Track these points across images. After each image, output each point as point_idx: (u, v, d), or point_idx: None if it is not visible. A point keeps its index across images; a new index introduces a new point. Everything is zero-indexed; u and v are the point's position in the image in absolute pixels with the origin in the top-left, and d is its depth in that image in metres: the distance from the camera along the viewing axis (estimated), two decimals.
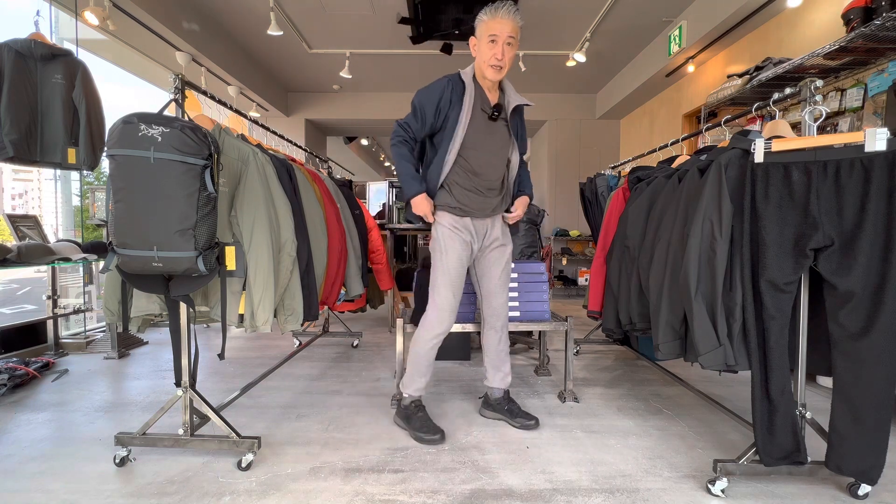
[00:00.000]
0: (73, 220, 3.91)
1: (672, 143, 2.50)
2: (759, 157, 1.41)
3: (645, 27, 4.42)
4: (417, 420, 1.88)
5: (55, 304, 3.09)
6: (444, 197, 1.87)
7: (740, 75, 2.97)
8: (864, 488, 1.44)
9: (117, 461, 1.62)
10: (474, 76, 1.86)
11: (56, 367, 2.80)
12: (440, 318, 1.87)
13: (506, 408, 2.01)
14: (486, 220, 1.93)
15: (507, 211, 2.00)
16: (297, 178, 2.12)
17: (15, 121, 2.27)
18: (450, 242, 1.86)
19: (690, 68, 4.40)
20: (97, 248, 2.72)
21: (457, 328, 2.19)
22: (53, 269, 3.05)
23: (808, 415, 1.52)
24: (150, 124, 1.31)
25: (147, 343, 3.49)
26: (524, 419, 1.96)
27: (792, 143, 1.39)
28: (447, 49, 4.49)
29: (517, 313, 2.34)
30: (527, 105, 1.92)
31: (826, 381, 2.47)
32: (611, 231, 2.44)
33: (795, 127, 2.87)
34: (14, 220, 2.75)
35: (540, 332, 2.86)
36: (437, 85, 1.82)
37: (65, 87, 2.41)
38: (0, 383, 2.34)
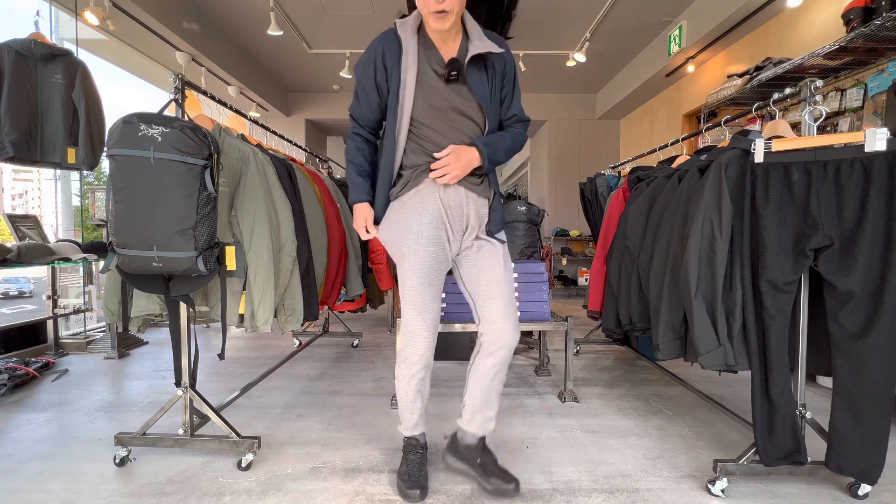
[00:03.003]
0: (73, 220, 3.91)
1: (672, 143, 2.50)
2: (759, 157, 1.41)
3: (645, 27, 4.42)
4: (405, 464, 1.51)
5: (55, 304, 3.09)
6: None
7: (740, 75, 2.97)
8: (864, 488, 1.44)
9: (117, 461, 1.62)
10: (421, 27, 1.38)
11: (56, 367, 2.80)
12: (409, 345, 1.44)
13: (478, 460, 1.48)
14: (462, 211, 1.43)
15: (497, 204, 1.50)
16: (297, 178, 2.12)
17: (15, 121, 2.27)
18: (414, 237, 1.41)
19: (690, 68, 4.40)
20: (97, 248, 2.72)
21: (457, 328, 2.19)
22: (53, 269, 3.05)
23: (808, 415, 1.52)
24: (150, 124, 1.32)
25: (147, 343, 3.49)
26: (501, 481, 1.42)
27: (792, 143, 1.39)
28: None
29: (517, 313, 2.34)
30: (497, 52, 1.36)
31: (826, 381, 2.47)
32: (611, 231, 2.44)
33: (795, 127, 2.87)
34: (14, 220, 2.75)
35: (540, 332, 2.86)
36: (368, 52, 1.38)
37: (65, 87, 2.41)
38: (0, 383, 2.34)
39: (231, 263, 1.61)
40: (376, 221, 1.47)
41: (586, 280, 5.96)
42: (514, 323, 1.47)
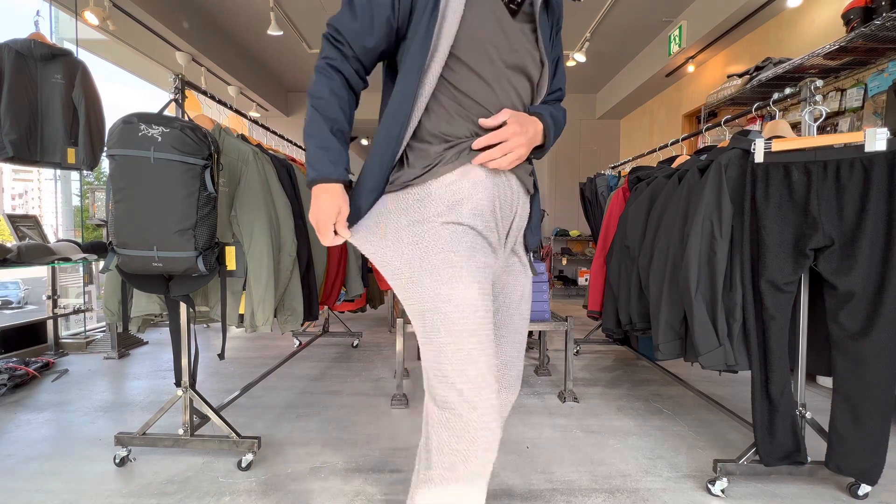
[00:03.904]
0: (73, 220, 3.91)
1: (672, 143, 2.50)
2: (759, 157, 1.41)
3: (645, 27, 4.42)
4: None
5: (55, 304, 3.09)
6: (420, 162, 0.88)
7: (740, 75, 2.97)
8: (864, 488, 1.44)
9: (117, 461, 1.62)
10: None
11: (56, 367, 2.80)
12: (479, 425, 0.81)
13: None
14: (511, 212, 0.95)
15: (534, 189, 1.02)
16: (298, 178, 2.12)
17: (15, 121, 2.27)
18: (454, 256, 0.84)
19: (690, 68, 4.40)
20: (97, 248, 2.72)
21: None
22: (53, 269, 3.05)
23: (808, 415, 1.52)
24: (150, 124, 1.32)
25: (147, 343, 3.49)
26: None
27: (792, 143, 1.39)
28: None
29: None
30: None
31: (826, 381, 2.47)
32: (611, 231, 2.44)
33: (795, 127, 2.87)
34: (14, 220, 2.75)
35: (540, 332, 2.86)
36: None
37: (65, 87, 2.41)
38: (0, 383, 2.34)
39: (231, 263, 1.61)
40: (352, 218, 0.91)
41: (586, 280, 5.97)
42: (517, 379, 1.06)
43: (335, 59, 0.88)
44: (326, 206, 0.85)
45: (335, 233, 0.89)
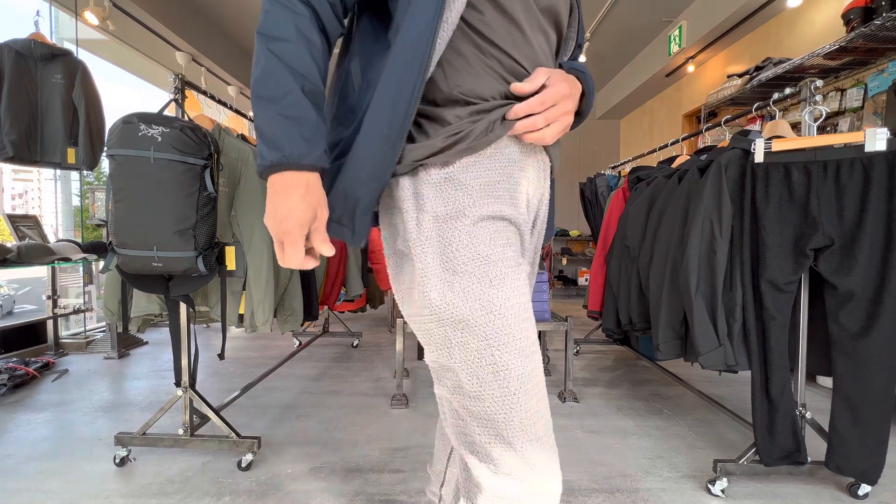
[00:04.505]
0: (73, 220, 3.91)
1: (672, 143, 2.50)
2: (759, 157, 1.41)
3: (645, 27, 4.41)
4: None
5: (55, 304, 3.09)
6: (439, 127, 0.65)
7: (740, 75, 2.97)
8: (864, 488, 1.44)
9: (117, 461, 1.62)
10: None
11: (56, 367, 2.80)
12: (544, 472, 0.62)
13: None
14: (540, 197, 0.77)
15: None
16: None
17: (14, 121, 2.27)
18: (490, 248, 0.62)
19: (690, 68, 4.40)
20: (97, 248, 2.72)
21: None
22: (53, 269, 3.05)
23: (808, 415, 1.52)
24: (149, 124, 1.32)
25: (147, 343, 3.49)
26: None
27: (792, 143, 1.39)
28: None
29: None
30: None
31: (826, 381, 2.47)
32: (611, 231, 2.44)
33: (795, 127, 2.88)
34: (14, 220, 2.75)
35: (540, 332, 2.86)
36: None
37: (65, 87, 2.41)
38: (0, 383, 2.34)
39: (231, 263, 1.61)
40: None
41: (586, 280, 5.97)
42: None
43: None
44: (298, 207, 0.58)
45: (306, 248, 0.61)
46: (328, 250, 0.62)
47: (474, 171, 0.64)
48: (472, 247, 0.61)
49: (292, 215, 0.58)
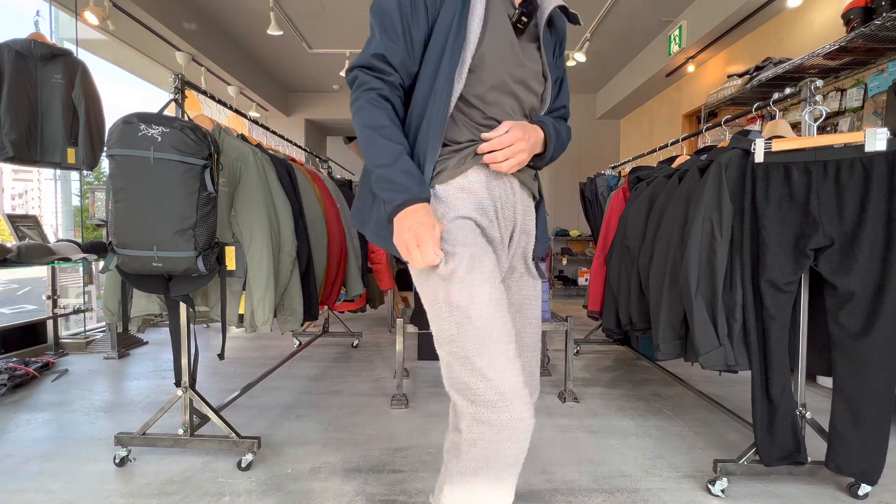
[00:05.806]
0: (73, 220, 3.91)
1: (672, 143, 2.50)
2: (759, 157, 1.41)
3: (645, 27, 4.41)
4: None
5: (55, 304, 3.09)
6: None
7: (740, 75, 2.97)
8: (864, 488, 1.44)
9: (117, 461, 1.62)
10: None
11: (56, 367, 2.80)
12: (513, 416, 0.82)
13: None
14: (512, 212, 0.99)
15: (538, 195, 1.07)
16: (297, 178, 2.12)
17: (14, 121, 2.27)
18: (462, 233, 0.89)
19: (690, 68, 4.40)
20: (97, 248, 2.72)
21: None
22: (53, 269, 3.05)
23: (808, 415, 1.52)
24: (149, 124, 1.32)
25: (147, 343, 3.49)
26: None
27: (792, 143, 1.39)
28: None
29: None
30: (572, 12, 0.99)
31: (826, 381, 2.47)
32: (611, 231, 2.44)
33: (795, 127, 2.87)
34: (14, 220, 2.75)
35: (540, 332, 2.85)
36: None
37: (64, 87, 2.41)
38: (0, 383, 2.34)
39: (231, 263, 1.61)
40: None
41: (586, 280, 5.96)
42: (536, 382, 1.10)
43: (382, 90, 0.89)
44: (425, 218, 0.83)
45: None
46: (436, 257, 0.84)
47: (451, 189, 0.93)
48: (453, 233, 0.89)
49: (423, 224, 0.82)
